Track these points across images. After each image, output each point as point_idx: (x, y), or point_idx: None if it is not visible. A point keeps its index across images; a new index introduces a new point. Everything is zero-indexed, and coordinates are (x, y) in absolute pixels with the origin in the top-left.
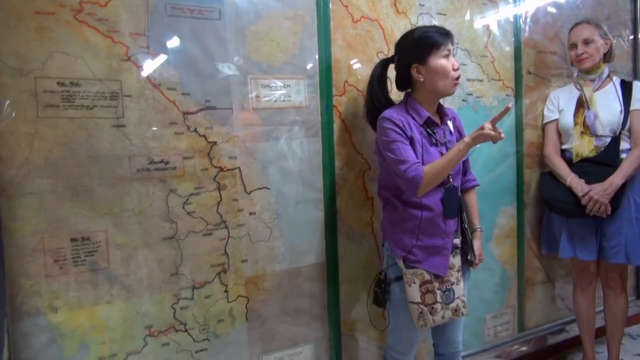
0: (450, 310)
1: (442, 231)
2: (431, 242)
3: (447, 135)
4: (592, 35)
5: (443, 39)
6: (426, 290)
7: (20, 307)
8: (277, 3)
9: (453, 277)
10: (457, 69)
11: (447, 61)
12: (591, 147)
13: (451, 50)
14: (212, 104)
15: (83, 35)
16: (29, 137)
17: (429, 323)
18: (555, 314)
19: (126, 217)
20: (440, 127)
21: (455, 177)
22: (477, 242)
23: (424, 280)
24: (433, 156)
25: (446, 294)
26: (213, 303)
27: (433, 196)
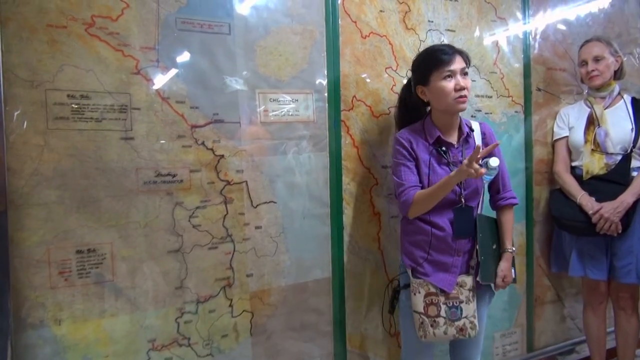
0: (455, 328)
1: (452, 249)
2: (440, 258)
3: (466, 154)
4: (603, 52)
5: (442, 60)
6: (430, 302)
7: (24, 319)
8: (286, 18)
9: (463, 295)
10: (461, 89)
11: (448, 82)
12: (602, 165)
13: (455, 70)
14: (220, 117)
15: (94, 48)
16: (38, 148)
17: (429, 335)
18: (565, 334)
19: (132, 229)
20: (455, 147)
21: (470, 198)
22: (504, 263)
23: (429, 291)
24: (440, 176)
25: (452, 311)
26: (217, 317)
27: (443, 215)
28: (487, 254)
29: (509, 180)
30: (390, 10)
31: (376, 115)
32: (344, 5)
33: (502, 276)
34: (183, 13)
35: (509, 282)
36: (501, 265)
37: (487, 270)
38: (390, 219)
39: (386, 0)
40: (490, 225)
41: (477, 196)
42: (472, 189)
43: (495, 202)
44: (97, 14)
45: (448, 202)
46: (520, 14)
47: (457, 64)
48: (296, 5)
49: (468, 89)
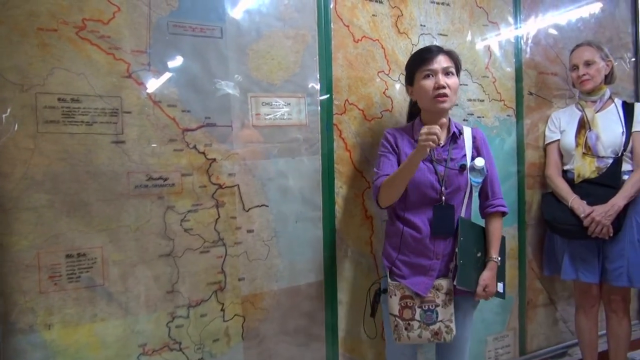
0: (430, 332)
1: (430, 251)
2: (417, 261)
3: (452, 153)
4: (594, 57)
5: (422, 59)
6: (405, 305)
7: (14, 324)
8: (278, 22)
9: (439, 298)
10: (439, 88)
11: (427, 81)
12: (593, 168)
13: (436, 69)
14: (212, 121)
15: (85, 52)
16: (28, 152)
17: (403, 338)
18: (558, 337)
19: (123, 233)
20: (441, 146)
21: (452, 197)
22: (487, 272)
23: (404, 294)
24: (423, 173)
25: (427, 314)
26: (209, 322)
27: (421, 214)
28: (468, 260)
29: (499, 188)
30: (382, 15)
31: (368, 119)
32: (337, 10)
33: (484, 285)
34: (175, 16)
35: (490, 292)
36: (484, 274)
37: (466, 275)
38: (382, 222)
39: (378, 5)
40: (476, 231)
41: (459, 195)
42: (453, 187)
43: (484, 209)
44: (88, 17)
45: (428, 200)
46: (511, 18)
47: (439, 63)
48: (288, 9)
49: (451, 88)
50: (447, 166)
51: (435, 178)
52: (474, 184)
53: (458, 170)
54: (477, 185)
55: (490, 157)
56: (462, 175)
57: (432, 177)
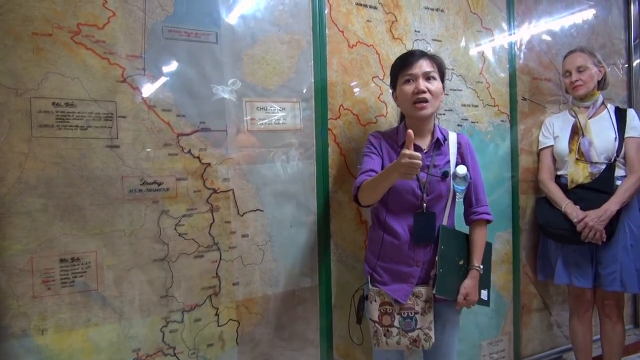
0: (409, 339)
1: (410, 258)
2: (397, 268)
3: (435, 159)
4: (586, 62)
5: (404, 63)
6: (384, 312)
7: (6, 328)
8: (273, 27)
9: (418, 306)
10: (420, 92)
11: (407, 85)
12: (586, 174)
13: (416, 73)
14: (206, 125)
15: (80, 56)
16: (22, 156)
17: (382, 344)
18: (552, 342)
19: (117, 237)
20: (424, 152)
21: (433, 204)
22: (468, 281)
23: (384, 301)
24: (396, 186)
25: (406, 321)
26: (203, 326)
27: (401, 220)
28: (448, 268)
29: (484, 195)
30: (377, 20)
31: (363, 124)
32: (331, 15)
33: (464, 294)
34: (170, 22)
35: (472, 301)
36: (465, 282)
37: (445, 283)
38: None
39: (373, 10)
40: (458, 239)
41: (441, 202)
42: (435, 194)
43: (467, 217)
44: (83, 22)
45: (409, 206)
46: (505, 24)
47: (419, 67)
48: (283, 14)
49: (433, 93)
50: (430, 173)
51: (417, 185)
52: (458, 192)
53: (440, 178)
54: (460, 193)
55: (475, 163)
56: (444, 182)
57: (413, 184)
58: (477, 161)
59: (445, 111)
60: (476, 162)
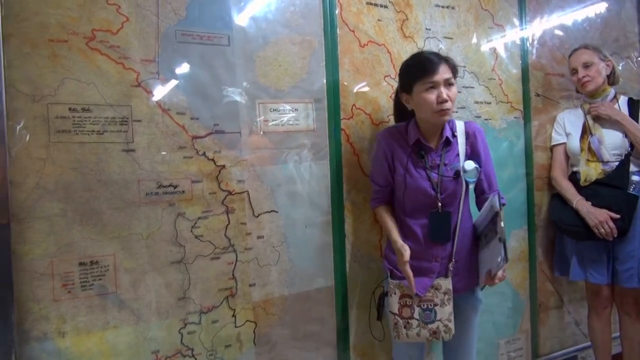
0: (429, 330)
1: (429, 255)
2: (417, 264)
3: (445, 157)
4: (592, 58)
5: (426, 70)
6: (404, 304)
7: (28, 332)
8: (284, 29)
9: (437, 298)
10: (443, 101)
11: (430, 94)
12: (599, 171)
13: (439, 81)
14: (220, 128)
15: (95, 62)
16: (40, 161)
17: (402, 336)
18: (570, 340)
19: (134, 241)
20: (435, 152)
21: (448, 202)
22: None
23: (404, 293)
24: (416, 180)
25: (426, 313)
26: (220, 328)
27: (419, 219)
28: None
29: (496, 180)
30: (388, 19)
31: (376, 123)
32: (342, 15)
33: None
34: (182, 25)
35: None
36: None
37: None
38: None
39: (384, 9)
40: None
41: (455, 201)
42: (448, 192)
43: (480, 203)
44: (97, 27)
45: (425, 206)
46: (517, 20)
47: (441, 74)
48: (294, 15)
49: (452, 99)
50: (440, 173)
51: (430, 185)
52: (470, 182)
53: (452, 177)
54: (472, 183)
55: (486, 151)
56: (456, 180)
57: (426, 184)
58: (488, 147)
59: (458, 109)
60: (487, 149)
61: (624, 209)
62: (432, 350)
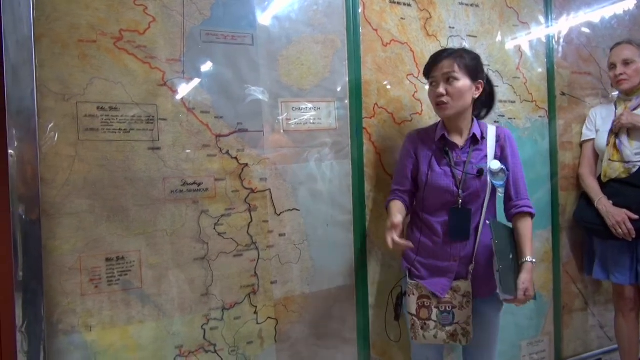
0: (446, 333)
1: (447, 254)
2: (435, 263)
3: (472, 156)
4: (633, 56)
5: (429, 67)
6: (422, 305)
7: (56, 325)
8: (307, 28)
9: (456, 300)
10: (438, 96)
11: (432, 89)
12: (622, 169)
13: (436, 76)
14: (244, 126)
15: (122, 61)
16: (69, 159)
17: (419, 338)
18: (595, 343)
19: (159, 237)
20: (460, 149)
21: (469, 200)
22: (525, 275)
23: (422, 294)
24: (438, 176)
25: (444, 315)
26: (242, 324)
27: (438, 216)
28: (505, 264)
29: (525, 189)
30: (411, 18)
31: (398, 122)
32: (365, 14)
33: (524, 289)
34: (207, 25)
35: (530, 296)
36: (522, 277)
37: (507, 281)
38: None
39: (407, 8)
40: (508, 233)
41: (479, 199)
42: (471, 191)
43: (509, 211)
44: (125, 28)
45: (446, 203)
46: (542, 18)
47: (439, 70)
48: (318, 15)
49: (451, 94)
50: (465, 170)
51: (453, 182)
52: (497, 187)
53: (476, 175)
54: (500, 187)
55: (515, 156)
56: (480, 179)
57: (449, 181)
58: (518, 154)
59: None
60: (517, 155)
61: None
62: (453, 352)
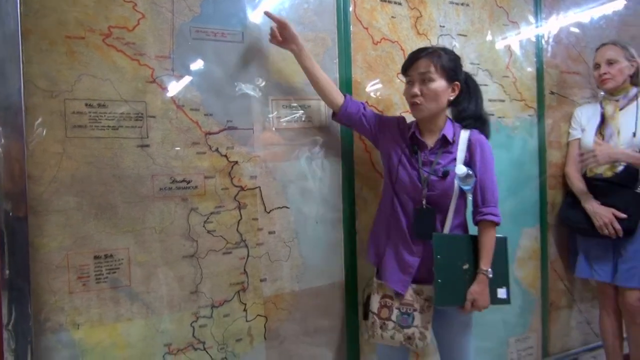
0: (404, 335)
1: (411, 248)
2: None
3: (440, 157)
4: (617, 56)
5: (405, 66)
6: (384, 304)
7: (44, 322)
8: (298, 26)
9: (418, 303)
10: (412, 96)
11: (407, 88)
12: (607, 166)
13: (412, 75)
14: (233, 124)
15: (111, 58)
16: (57, 156)
17: (377, 337)
18: (581, 339)
19: (148, 235)
20: (429, 149)
21: (436, 200)
22: (475, 286)
23: (385, 293)
24: (406, 173)
25: (404, 317)
26: (231, 322)
27: (405, 208)
28: (449, 276)
29: (493, 195)
30: (401, 16)
31: None
32: (356, 12)
33: (471, 300)
34: (197, 22)
35: (480, 306)
36: (472, 287)
37: (447, 294)
38: None
39: (397, 6)
40: (459, 243)
41: (445, 201)
42: (437, 192)
43: (473, 217)
44: (113, 24)
45: (411, 196)
46: (532, 17)
47: (415, 69)
48: (308, 13)
49: (425, 95)
50: (431, 171)
51: (417, 176)
52: (466, 191)
53: (440, 177)
54: (468, 192)
55: (485, 162)
56: (445, 181)
57: (413, 174)
58: (490, 160)
59: None
60: (487, 160)
61: (631, 208)
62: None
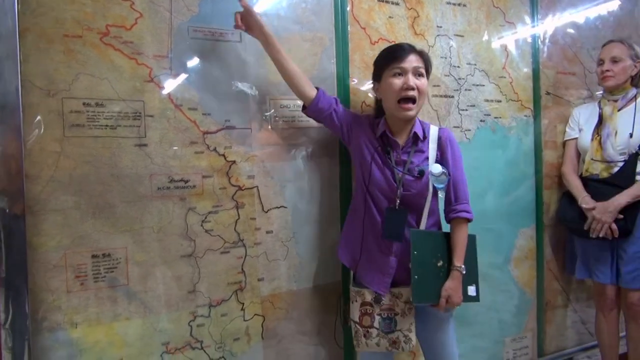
0: (388, 340)
1: (385, 247)
2: (373, 257)
3: (413, 156)
4: (622, 54)
5: (393, 57)
6: (365, 312)
7: (41, 322)
8: (296, 26)
9: (398, 307)
10: (409, 88)
11: (396, 79)
12: (604, 166)
13: (407, 68)
14: (231, 123)
15: (108, 57)
16: (55, 155)
17: (362, 345)
18: (577, 339)
19: (146, 234)
20: (401, 148)
21: (410, 200)
22: (449, 282)
23: (365, 301)
24: (379, 173)
25: (386, 322)
26: (229, 321)
27: (379, 208)
28: (425, 272)
29: (465, 192)
30: (399, 16)
31: None
32: (353, 12)
33: (445, 296)
34: (195, 21)
35: (455, 302)
36: (446, 284)
37: (423, 290)
38: None
39: (395, 7)
40: (434, 240)
41: (420, 200)
42: (411, 192)
43: (447, 215)
44: (111, 23)
45: (385, 195)
46: (529, 18)
47: (410, 62)
48: (306, 12)
49: (420, 90)
50: (405, 171)
51: (391, 175)
52: (439, 189)
53: (416, 176)
54: (441, 190)
55: (456, 159)
56: (420, 180)
57: (389, 180)
58: (459, 156)
59: (467, 107)
60: (458, 157)
61: (627, 209)
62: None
